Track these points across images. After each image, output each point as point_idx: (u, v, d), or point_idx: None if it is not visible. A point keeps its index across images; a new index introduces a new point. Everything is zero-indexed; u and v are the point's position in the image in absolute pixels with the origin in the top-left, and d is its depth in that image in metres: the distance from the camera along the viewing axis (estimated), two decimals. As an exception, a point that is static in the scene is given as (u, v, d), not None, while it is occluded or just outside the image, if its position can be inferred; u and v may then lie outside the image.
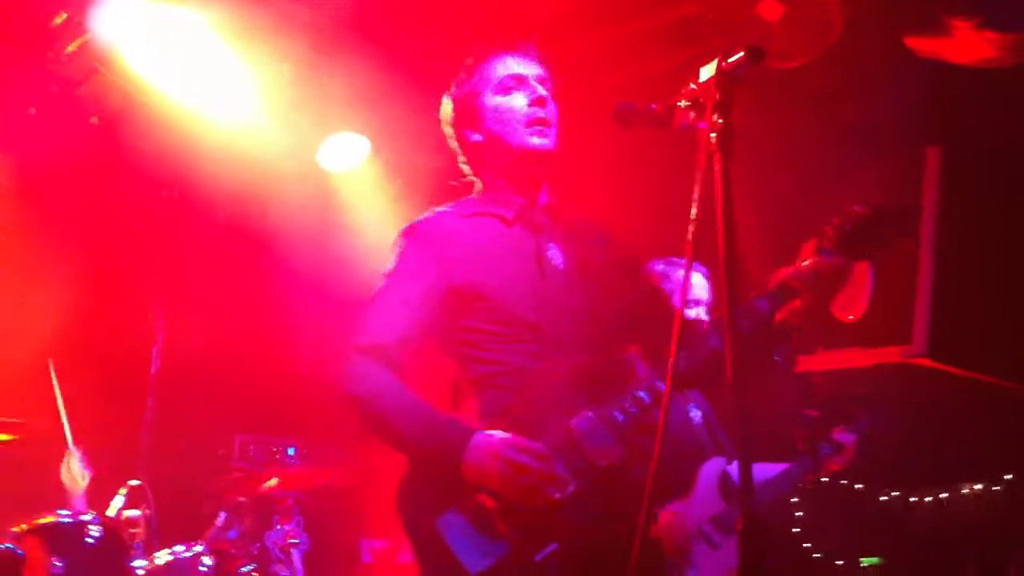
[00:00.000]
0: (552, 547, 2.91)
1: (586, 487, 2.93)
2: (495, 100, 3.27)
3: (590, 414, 2.99)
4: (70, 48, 5.85)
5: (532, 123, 3.22)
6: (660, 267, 4.62)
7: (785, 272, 3.11)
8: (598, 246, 3.39)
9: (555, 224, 3.31)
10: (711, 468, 4.54)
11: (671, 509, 4.42)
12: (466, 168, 3.42)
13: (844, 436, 4.76)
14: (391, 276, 3.21)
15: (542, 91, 3.27)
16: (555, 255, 3.25)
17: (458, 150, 3.41)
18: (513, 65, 3.31)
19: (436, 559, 2.94)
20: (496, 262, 3.19)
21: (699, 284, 4.83)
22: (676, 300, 4.42)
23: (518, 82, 3.28)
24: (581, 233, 3.36)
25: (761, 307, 3.10)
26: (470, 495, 2.93)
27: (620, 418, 2.99)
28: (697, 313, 4.74)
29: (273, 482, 5.41)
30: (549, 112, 3.27)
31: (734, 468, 4.41)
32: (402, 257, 3.23)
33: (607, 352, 3.16)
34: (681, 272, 4.75)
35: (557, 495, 2.90)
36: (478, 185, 3.39)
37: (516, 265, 3.20)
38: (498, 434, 2.94)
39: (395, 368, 3.09)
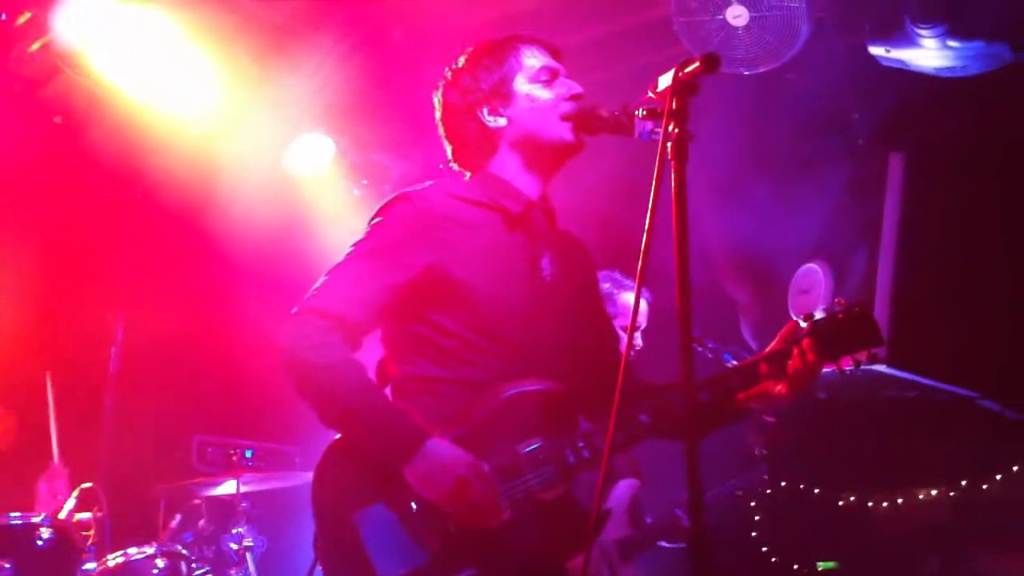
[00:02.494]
0: (470, 571, 2.84)
1: (519, 518, 2.87)
2: (530, 87, 3.21)
3: (540, 444, 2.94)
4: (33, 47, 5.81)
5: (569, 117, 3.17)
6: (606, 287, 4.51)
7: (756, 356, 3.08)
8: (583, 265, 3.36)
9: (551, 228, 3.26)
10: (622, 490, 4.42)
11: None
12: (461, 157, 3.30)
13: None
14: (374, 246, 3.06)
15: (578, 88, 3.23)
16: (547, 267, 3.18)
17: (448, 140, 3.31)
18: (543, 57, 3.27)
19: (344, 554, 2.85)
20: (492, 270, 3.09)
21: (641, 309, 4.71)
22: (618, 324, 4.42)
23: (553, 74, 3.24)
24: (570, 246, 3.33)
25: (728, 382, 3.08)
26: (405, 496, 2.85)
27: (571, 460, 2.94)
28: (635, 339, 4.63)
29: (230, 485, 5.37)
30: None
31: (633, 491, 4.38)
32: (391, 228, 3.08)
33: (577, 381, 3.09)
34: (625, 294, 4.70)
35: (491, 521, 2.84)
36: (467, 176, 3.30)
37: (510, 279, 3.11)
38: (451, 446, 2.86)
39: (352, 346, 2.99)
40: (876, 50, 5.38)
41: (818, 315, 3.01)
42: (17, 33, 5.75)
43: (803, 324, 3.00)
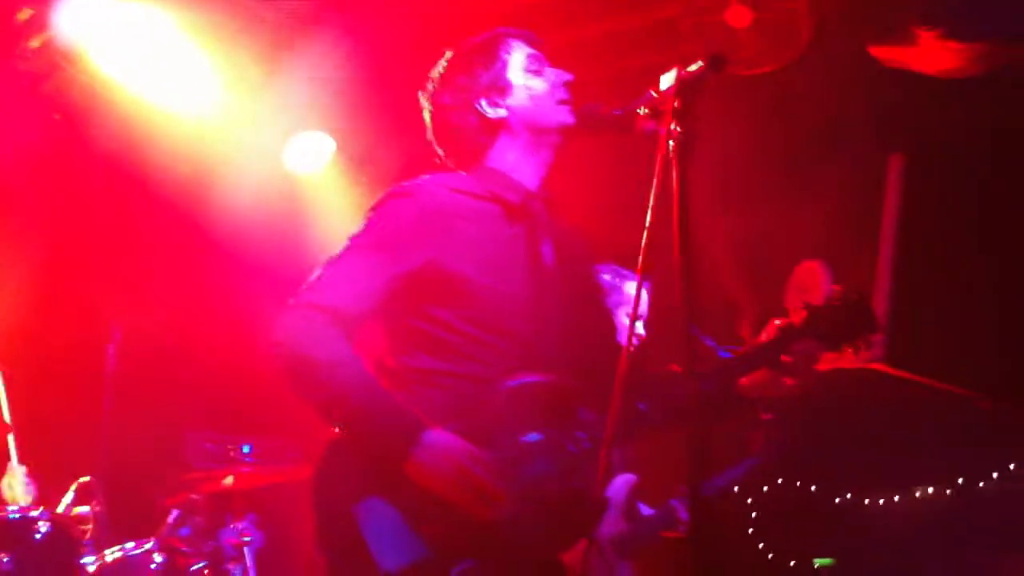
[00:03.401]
0: (469, 563, 2.84)
1: (520, 508, 2.87)
2: (525, 77, 3.26)
3: (542, 435, 2.94)
4: (34, 44, 5.81)
5: (565, 101, 3.23)
6: (607, 277, 4.54)
7: (755, 344, 3.09)
8: (583, 255, 3.39)
9: (551, 218, 3.27)
10: (619, 486, 4.41)
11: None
12: (456, 156, 3.31)
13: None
14: (371, 239, 3.06)
15: (568, 74, 3.29)
16: (547, 257, 3.19)
17: (442, 141, 3.32)
18: (529, 48, 3.33)
19: (343, 547, 2.85)
20: (492, 262, 3.09)
21: (642, 299, 4.74)
22: (619, 315, 4.42)
23: (542, 63, 3.31)
24: (569, 237, 3.33)
25: (728, 371, 3.09)
26: (405, 487, 2.84)
27: (571, 450, 2.95)
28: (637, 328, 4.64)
29: (228, 480, 5.37)
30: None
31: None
32: (389, 221, 3.08)
33: (578, 372, 3.07)
34: (628, 284, 4.71)
35: (493, 512, 2.84)
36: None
37: (511, 270, 3.12)
38: (451, 437, 2.86)
39: (350, 339, 2.96)
40: (877, 52, 5.40)
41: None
42: (18, 30, 5.75)
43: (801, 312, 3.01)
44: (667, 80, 2.62)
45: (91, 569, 4.75)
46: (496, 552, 2.86)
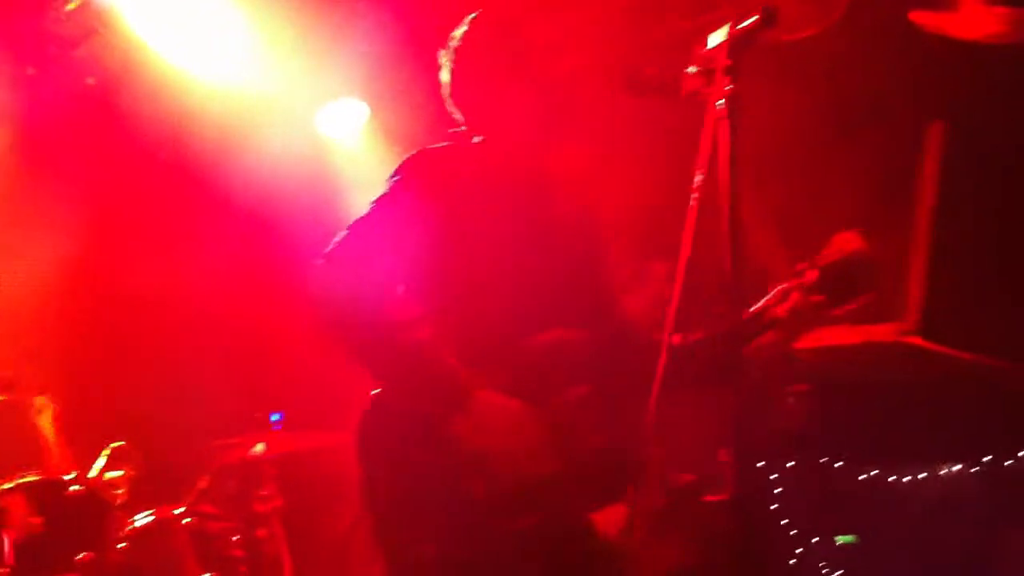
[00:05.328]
0: (514, 520, 2.86)
1: (565, 467, 2.90)
2: None
3: (589, 391, 2.97)
4: (70, 6, 5.82)
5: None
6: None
7: (765, 302, 3.06)
8: (586, 218, 3.36)
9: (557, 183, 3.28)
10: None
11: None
12: (478, 123, 3.29)
13: None
14: (393, 201, 3.10)
15: None
16: (556, 220, 3.20)
17: (467, 108, 3.29)
18: None
19: (390, 505, 2.90)
20: (509, 226, 3.11)
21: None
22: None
23: None
24: (572, 198, 3.31)
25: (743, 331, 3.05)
26: (452, 445, 2.87)
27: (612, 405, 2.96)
28: None
29: (259, 447, 5.40)
30: None
31: None
32: (410, 185, 3.11)
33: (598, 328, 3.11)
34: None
35: (543, 469, 2.86)
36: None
37: (526, 233, 3.13)
38: (500, 396, 2.90)
39: (381, 295, 3.03)
40: (918, 17, 5.30)
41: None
42: (55, -7, 5.76)
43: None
44: (718, 37, 2.57)
45: (122, 533, 4.81)
46: (542, 508, 2.88)
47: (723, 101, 2.48)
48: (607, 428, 2.96)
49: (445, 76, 3.30)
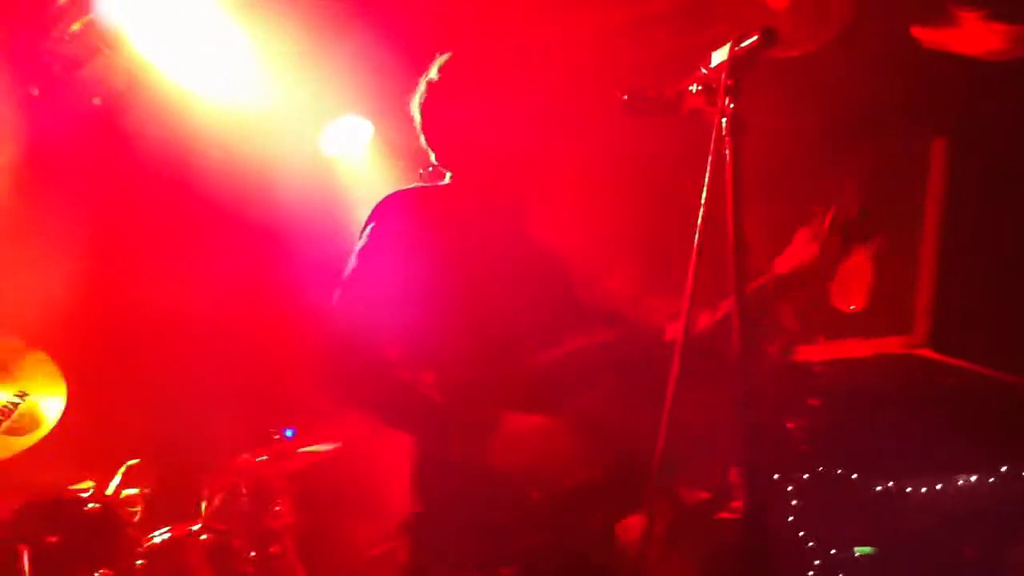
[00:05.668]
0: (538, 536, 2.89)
1: (596, 473, 2.93)
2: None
3: (603, 395, 3.01)
4: (74, 27, 5.83)
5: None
6: None
7: (777, 266, 3.10)
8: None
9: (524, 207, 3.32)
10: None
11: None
12: (447, 159, 3.36)
13: None
14: (377, 249, 3.11)
15: None
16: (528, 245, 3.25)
17: (437, 144, 3.37)
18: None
19: (440, 499, 2.95)
20: (492, 263, 3.14)
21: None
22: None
23: None
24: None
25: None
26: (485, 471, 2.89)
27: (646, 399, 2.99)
28: None
29: (273, 463, 5.41)
30: None
31: None
32: (390, 232, 3.14)
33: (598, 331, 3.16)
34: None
35: (583, 477, 2.90)
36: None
37: (508, 266, 3.16)
38: (524, 417, 2.91)
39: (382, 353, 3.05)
40: (919, 33, 5.36)
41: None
42: (58, 13, 5.77)
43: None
44: (719, 56, 2.61)
45: (140, 550, 4.81)
46: (575, 518, 2.91)
47: (725, 120, 2.51)
48: (626, 433, 2.98)
49: (416, 117, 3.37)
